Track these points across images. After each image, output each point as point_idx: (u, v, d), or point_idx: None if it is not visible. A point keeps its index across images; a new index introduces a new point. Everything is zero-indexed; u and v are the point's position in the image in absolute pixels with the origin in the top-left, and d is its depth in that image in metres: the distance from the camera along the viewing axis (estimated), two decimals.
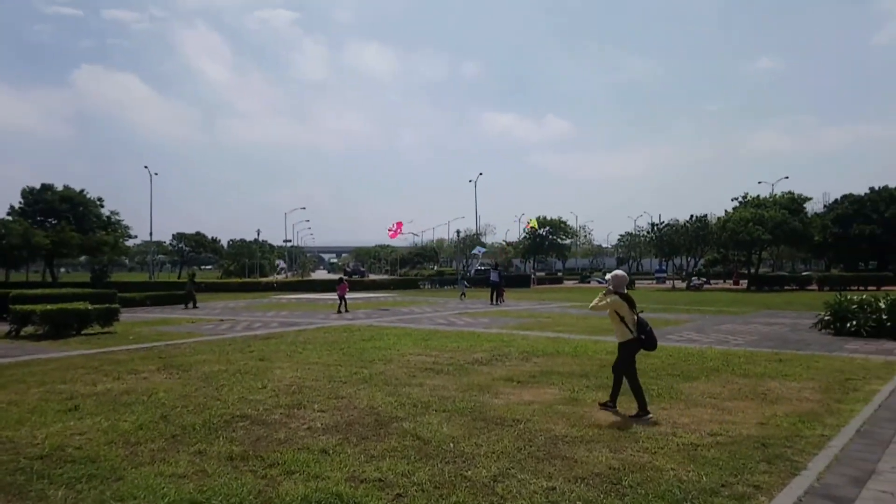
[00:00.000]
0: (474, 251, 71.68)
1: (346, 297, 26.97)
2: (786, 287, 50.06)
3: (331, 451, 5.99)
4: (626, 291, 7.81)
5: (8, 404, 8.23)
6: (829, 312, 16.72)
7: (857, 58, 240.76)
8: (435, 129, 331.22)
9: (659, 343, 14.03)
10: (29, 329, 17.35)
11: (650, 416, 7.37)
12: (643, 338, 7.61)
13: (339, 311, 25.27)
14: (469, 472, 5.38)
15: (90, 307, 18.05)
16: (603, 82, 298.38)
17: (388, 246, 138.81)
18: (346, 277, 29.80)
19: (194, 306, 29.90)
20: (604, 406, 7.86)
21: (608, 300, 7.72)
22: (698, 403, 8.13)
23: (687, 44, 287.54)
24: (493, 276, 33.07)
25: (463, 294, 38.60)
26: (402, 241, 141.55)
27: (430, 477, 5.27)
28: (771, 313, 24.05)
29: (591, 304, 8.02)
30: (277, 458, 5.76)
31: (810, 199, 59.07)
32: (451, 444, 6.21)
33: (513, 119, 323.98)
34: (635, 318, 7.67)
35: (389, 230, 43.39)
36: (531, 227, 77.95)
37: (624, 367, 7.75)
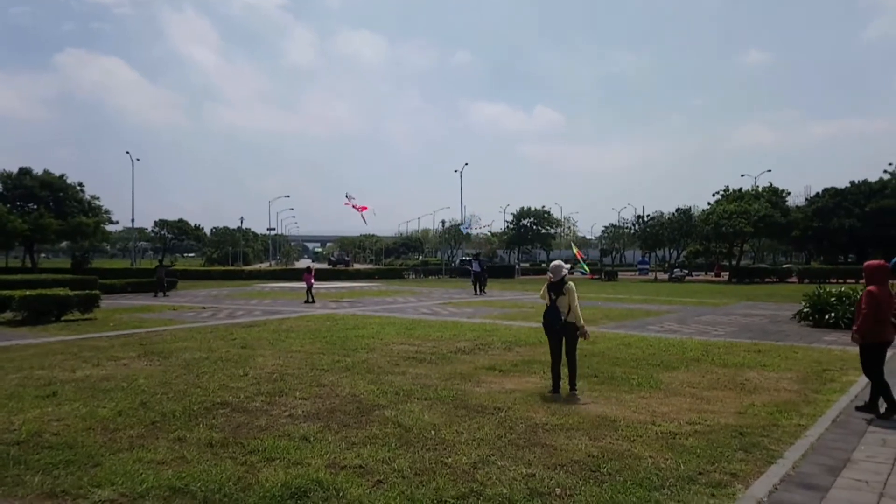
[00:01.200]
0: (464, 226, 70.24)
1: (314, 285, 26.63)
2: (766, 279, 50.60)
3: (311, 438, 5.98)
4: (561, 278, 8.09)
5: None
6: (808, 304, 16.92)
7: (844, 52, 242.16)
8: (423, 118, 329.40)
9: (640, 333, 14.27)
10: (7, 315, 17.17)
11: (556, 395, 7.94)
12: (544, 321, 8.26)
13: (308, 301, 24.90)
14: (449, 459, 5.39)
15: (70, 293, 17.88)
16: (594, 74, 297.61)
17: (372, 235, 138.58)
18: (312, 266, 29.72)
19: (164, 294, 29.62)
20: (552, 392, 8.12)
21: (543, 288, 8.34)
22: (678, 393, 8.20)
23: (678, 36, 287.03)
24: (476, 267, 33.32)
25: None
26: (387, 231, 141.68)
27: (410, 464, 5.28)
28: (751, 305, 24.30)
29: (540, 294, 8.60)
30: (258, 445, 5.74)
31: (790, 193, 59.62)
32: (432, 432, 6.23)
33: (502, 109, 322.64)
34: (550, 304, 8.10)
35: (354, 205, 41.95)
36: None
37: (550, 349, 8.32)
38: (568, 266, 8.37)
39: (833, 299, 16.40)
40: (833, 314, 15.99)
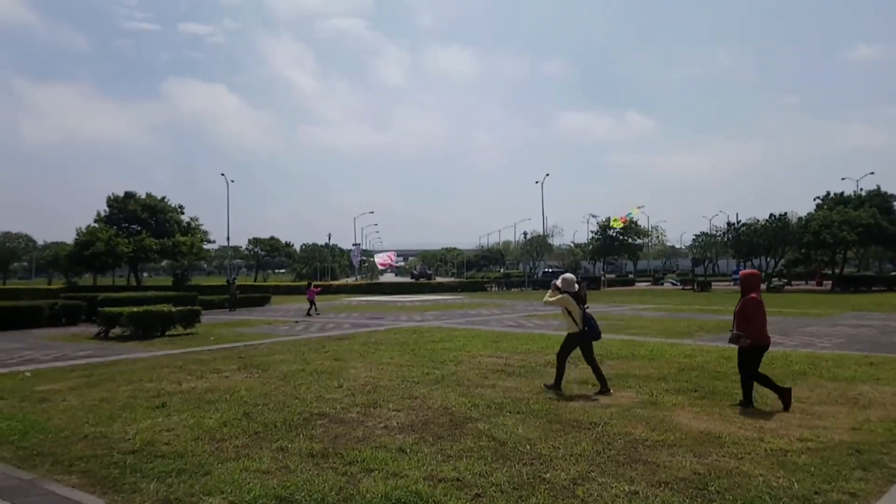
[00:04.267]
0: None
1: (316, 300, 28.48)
2: (873, 288, 47.60)
3: (408, 450, 6.03)
4: (576, 290, 8.97)
5: (100, 401, 8.64)
6: None
7: None
8: (510, 129, 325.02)
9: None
10: (116, 330, 18.20)
11: (560, 390, 8.86)
12: (587, 329, 8.87)
13: (310, 315, 26.20)
14: (548, 475, 5.31)
15: (173, 309, 18.79)
16: (687, 76, 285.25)
17: (454, 248, 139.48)
18: (314, 283, 31.09)
19: (231, 309, 31.56)
20: (549, 387, 9.03)
21: (558, 297, 8.95)
22: None
23: (779, 32, 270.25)
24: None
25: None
26: (468, 244, 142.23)
27: (508, 478, 5.23)
28: (858, 315, 22.90)
29: (544, 300, 9.31)
30: (356, 456, 5.83)
31: None
32: (528, 446, 6.15)
33: (592, 118, 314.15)
34: (582, 313, 8.86)
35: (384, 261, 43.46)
36: (624, 221, 73.21)
37: (562, 351, 9.08)
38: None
39: None
40: None
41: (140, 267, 61.94)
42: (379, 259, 39.78)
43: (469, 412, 7.66)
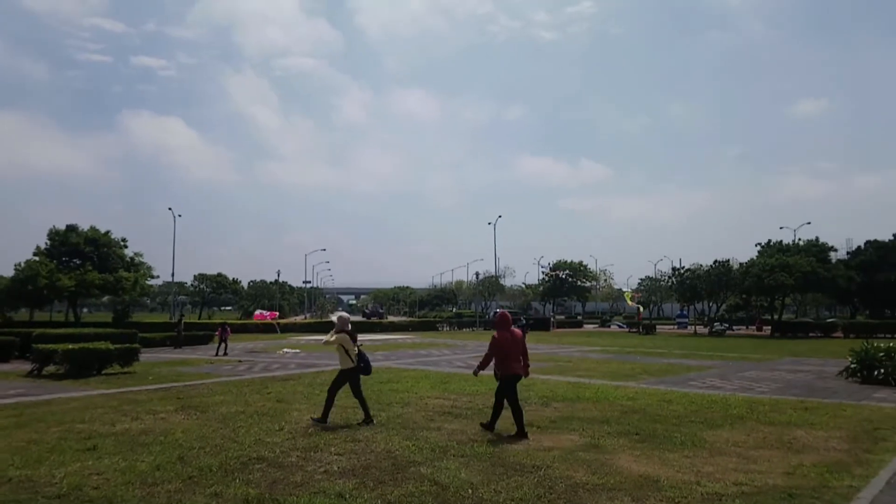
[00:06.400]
0: None
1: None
2: (810, 334, 49.26)
3: (347, 496, 5.91)
4: (349, 329, 9.80)
5: (28, 443, 8.26)
6: (855, 360, 16.39)
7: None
8: (469, 172, 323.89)
9: (681, 389, 13.94)
10: (51, 368, 17.50)
11: (327, 423, 9.47)
12: (362, 365, 9.76)
13: (218, 354, 25.86)
14: None
15: (111, 347, 18.18)
16: (639, 126, 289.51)
17: (407, 287, 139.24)
18: (226, 322, 31.04)
19: (176, 347, 31.37)
20: (316, 420, 9.62)
21: (335, 337, 9.67)
22: (722, 452, 7.94)
23: (731, 84, 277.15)
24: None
25: None
26: (421, 283, 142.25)
27: None
28: (795, 360, 23.61)
29: (324, 340, 10.18)
30: (293, 502, 5.69)
31: (835, 249, 58.42)
32: (470, 490, 6.11)
33: (548, 163, 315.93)
34: (356, 350, 9.69)
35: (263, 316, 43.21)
36: None
37: (335, 385, 9.84)
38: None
39: (882, 355, 15.87)
40: (882, 370, 15.46)
41: (80, 302, 59.92)
42: (257, 313, 39.00)
43: (413, 455, 7.58)
